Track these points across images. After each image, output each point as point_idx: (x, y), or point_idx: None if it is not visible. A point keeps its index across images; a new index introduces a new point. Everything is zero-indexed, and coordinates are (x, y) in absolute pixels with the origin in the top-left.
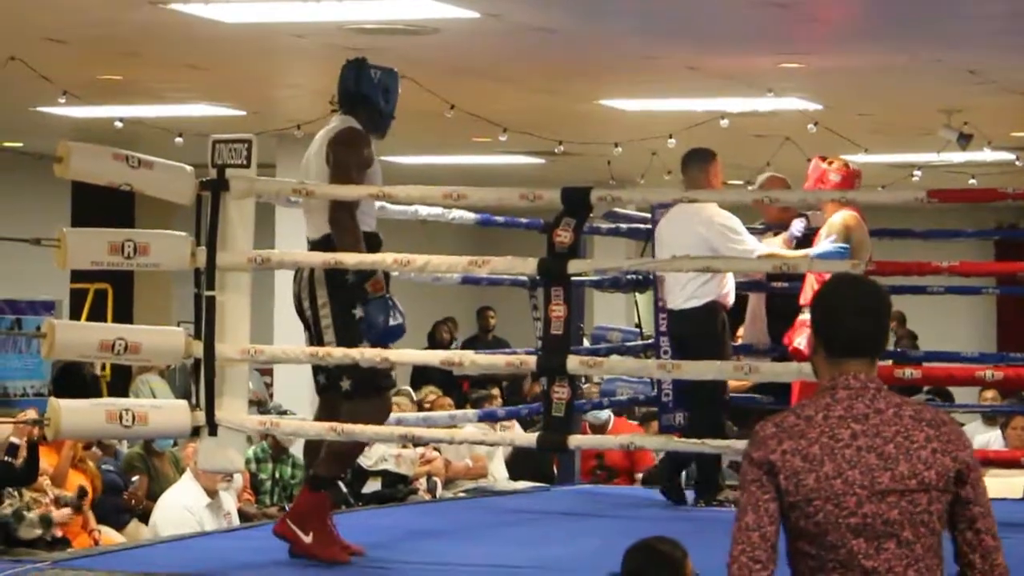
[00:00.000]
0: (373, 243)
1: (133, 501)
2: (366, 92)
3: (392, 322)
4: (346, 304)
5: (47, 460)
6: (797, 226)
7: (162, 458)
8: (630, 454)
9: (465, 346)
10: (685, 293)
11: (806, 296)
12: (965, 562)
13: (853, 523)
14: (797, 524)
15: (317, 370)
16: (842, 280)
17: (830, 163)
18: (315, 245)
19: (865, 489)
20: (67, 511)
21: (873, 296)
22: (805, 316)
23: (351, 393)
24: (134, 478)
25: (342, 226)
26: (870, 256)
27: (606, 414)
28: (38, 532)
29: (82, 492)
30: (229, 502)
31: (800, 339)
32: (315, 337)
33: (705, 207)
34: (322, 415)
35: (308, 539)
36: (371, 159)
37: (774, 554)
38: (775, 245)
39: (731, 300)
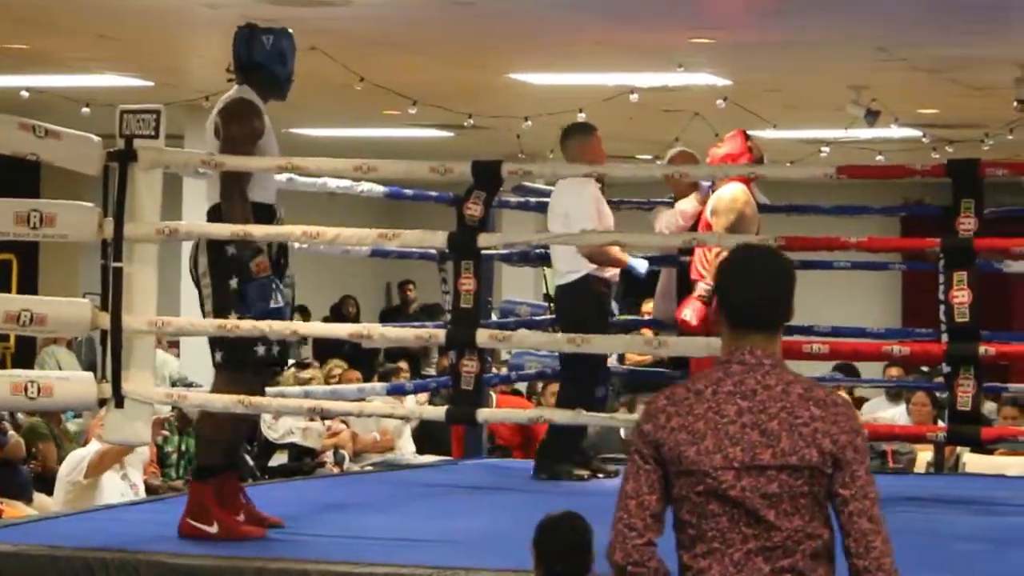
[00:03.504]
0: (269, 215)
1: (42, 470)
2: (260, 60)
3: (272, 305)
4: (223, 274)
5: None
6: (705, 183)
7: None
8: (522, 429)
9: (384, 318)
10: (563, 268)
11: (696, 270)
12: (844, 545)
13: (732, 495)
14: (681, 493)
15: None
16: (744, 251)
17: (749, 148)
18: (207, 216)
19: (744, 465)
20: None
21: (774, 268)
22: (697, 290)
23: (220, 365)
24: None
25: (230, 200)
26: (758, 229)
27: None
28: None
29: None
30: (136, 475)
31: (687, 310)
32: (200, 304)
33: (569, 181)
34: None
35: (214, 529)
36: (261, 131)
37: (654, 523)
38: (690, 202)
39: (611, 275)
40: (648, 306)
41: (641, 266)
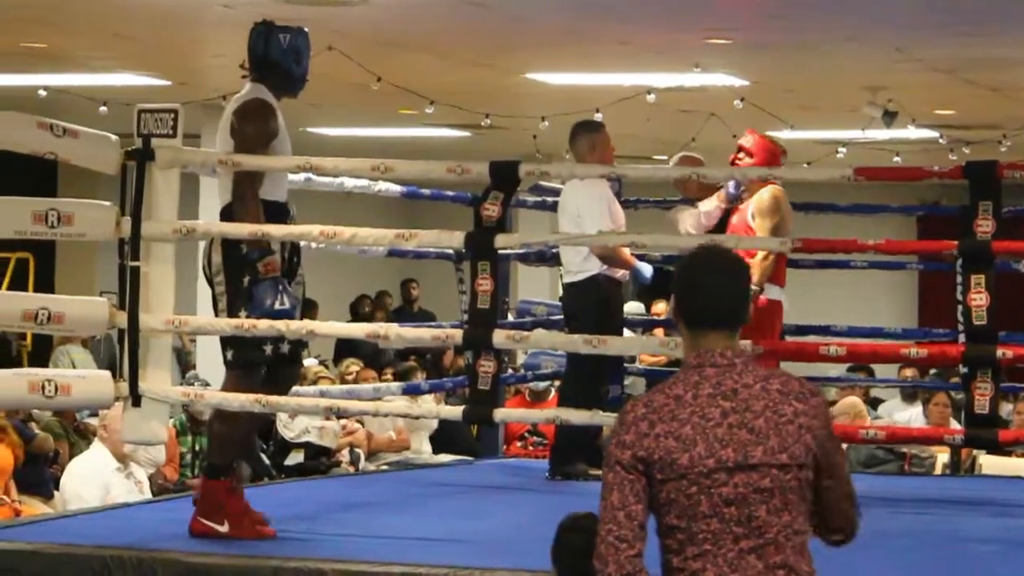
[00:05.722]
0: (281, 213)
1: (60, 470)
2: (276, 58)
3: (278, 306)
4: (236, 273)
5: None
6: (732, 185)
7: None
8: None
9: (391, 318)
10: (572, 267)
11: None
12: (819, 519)
13: (725, 493)
14: (668, 498)
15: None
16: (700, 253)
17: (774, 143)
18: (220, 215)
19: (737, 464)
20: None
21: (729, 269)
22: None
23: (230, 363)
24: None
25: (242, 200)
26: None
27: (545, 384)
28: None
29: None
30: (141, 472)
31: None
32: (213, 303)
33: (583, 180)
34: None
35: (224, 528)
36: (276, 130)
37: (641, 532)
38: (712, 203)
39: (621, 275)
40: (658, 307)
41: (647, 270)
